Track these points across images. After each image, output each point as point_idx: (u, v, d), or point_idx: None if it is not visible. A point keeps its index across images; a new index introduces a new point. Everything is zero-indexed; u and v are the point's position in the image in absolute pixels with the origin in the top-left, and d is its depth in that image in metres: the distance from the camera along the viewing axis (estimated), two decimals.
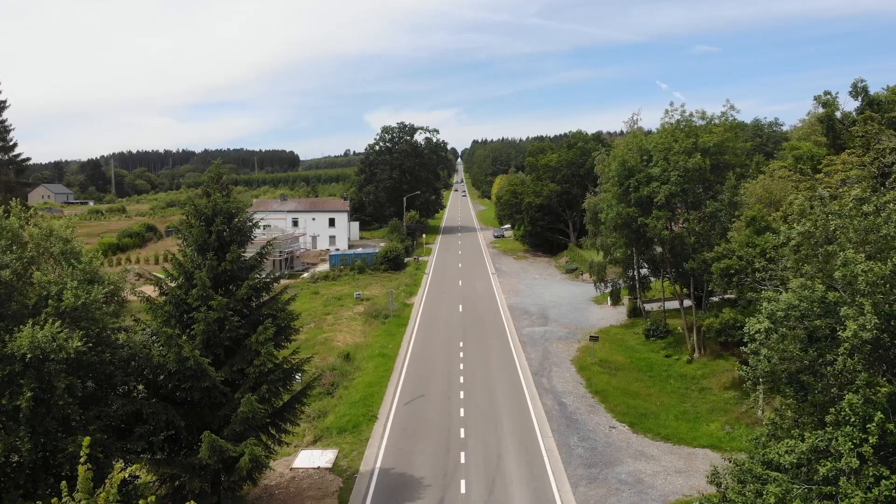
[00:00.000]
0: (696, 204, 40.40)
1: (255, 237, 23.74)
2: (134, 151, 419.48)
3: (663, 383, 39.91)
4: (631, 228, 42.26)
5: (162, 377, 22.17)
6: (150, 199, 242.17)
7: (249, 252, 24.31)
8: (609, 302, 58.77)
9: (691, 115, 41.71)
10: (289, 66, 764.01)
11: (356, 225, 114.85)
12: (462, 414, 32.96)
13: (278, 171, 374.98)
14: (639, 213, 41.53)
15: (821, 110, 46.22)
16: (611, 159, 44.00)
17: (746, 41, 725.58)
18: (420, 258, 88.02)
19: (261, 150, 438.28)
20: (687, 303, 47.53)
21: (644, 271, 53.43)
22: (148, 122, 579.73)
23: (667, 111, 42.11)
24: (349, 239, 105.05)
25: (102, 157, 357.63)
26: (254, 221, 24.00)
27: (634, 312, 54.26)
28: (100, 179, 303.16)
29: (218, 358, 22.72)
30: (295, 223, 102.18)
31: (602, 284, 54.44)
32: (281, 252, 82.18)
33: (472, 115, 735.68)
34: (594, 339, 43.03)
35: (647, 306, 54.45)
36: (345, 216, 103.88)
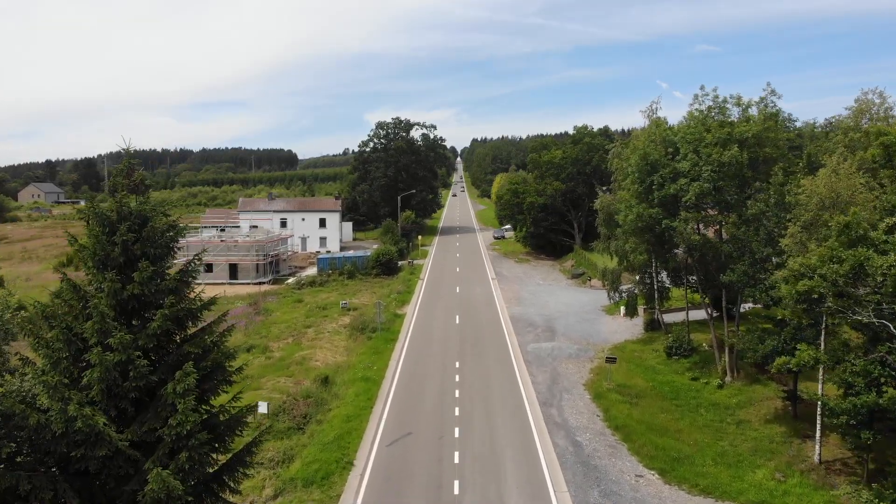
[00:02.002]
0: (730, 205, 34.56)
1: (183, 247, 17.93)
2: (131, 150, 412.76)
3: (693, 414, 34.09)
4: (654, 232, 36.45)
5: (48, 439, 16.38)
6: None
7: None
8: (622, 312, 52.93)
9: (724, 100, 35.88)
10: (289, 65, 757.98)
11: (349, 225, 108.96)
12: (457, 460, 27.12)
13: (276, 170, 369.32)
14: (663, 215, 35.73)
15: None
16: (629, 153, 38.14)
17: (746, 41, 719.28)
18: (415, 261, 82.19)
19: (258, 149, 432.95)
20: (701, 312, 41.84)
21: (663, 278, 47.63)
22: (148, 122, 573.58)
23: (696, 97, 36.36)
24: (341, 240, 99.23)
25: (99, 155, 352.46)
26: (177, 229, 18.12)
27: (652, 325, 48.44)
28: (93, 178, 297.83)
29: (125, 414, 16.91)
30: (283, 224, 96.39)
31: (616, 293, 48.52)
32: (266, 255, 76.37)
33: (472, 115, 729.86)
34: (611, 360, 37.21)
35: (666, 317, 48.64)
36: (336, 216, 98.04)
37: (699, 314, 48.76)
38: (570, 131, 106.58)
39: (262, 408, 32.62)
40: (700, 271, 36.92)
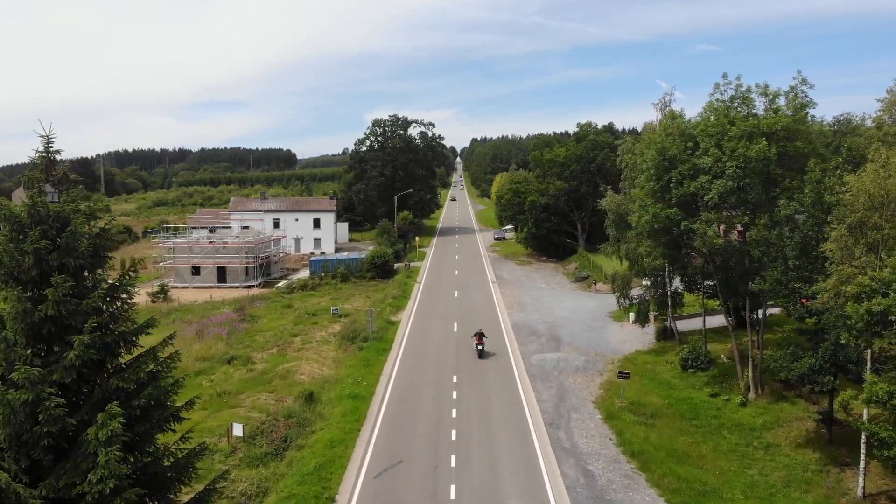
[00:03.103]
0: (755, 205, 31.26)
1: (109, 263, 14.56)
2: (130, 150, 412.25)
3: (715, 437, 30.81)
4: (670, 235, 33.16)
5: None
6: (137, 199, 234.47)
7: None
8: (630, 319, 49.62)
9: (749, 90, 32.55)
10: (289, 65, 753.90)
11: (345, 226, 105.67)
12: (453, 495, 23.80)
13: (274, 170, 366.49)
14: (681, 216, 32.44)
15: None
16: (644, 147, 34.83)
17: (746, 41, 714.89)
18: (412, 264, 78.86)
19: (257, 149, 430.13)
20: (715, 319, 38.48)
21: (676, 284, 44.34)
22: (147, 122, 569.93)
23: (717, 86, 33.01)
24: (336, 241, 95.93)
25: (98, 155, 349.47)
26: (109, 234, 14.82)
27: (664, 334, 45.16)
28: (89, 178, 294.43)
29: (39, 465, 13.64)
30: (276, 224, 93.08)
31: (625, 300, 45.17)
32: (256, 257, 73.06)
33: (472, 115, 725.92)
34: (624, 376, 33.89)
35: (678, 324, 45.28)
36: (331, 217, 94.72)
37: (714, 321, 45.61)
38: (571, 131, 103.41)
39: (237, 430, 29.37)
40: (721, 278, 33.60)
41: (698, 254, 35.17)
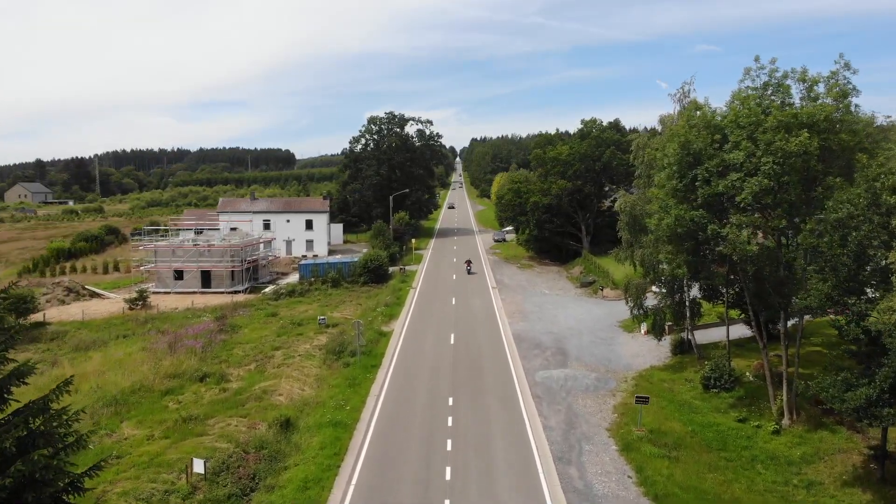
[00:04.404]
0: (794, 205, 27.30)
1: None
2: (129, 150, 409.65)
3: (749, 472, 26.85)
4: (697, 240, 29.20)
5: None
6: (132, 199, 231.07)
7: None
8: (642, 329, 45.70)
9: (785, 75, 28.55)
10: (289, 65, 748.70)
11: (339, 227, 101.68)
12: None
13: (273, 169, 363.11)
14: (708, 219, 28.49)
15: None
16: (666, 140, 30.87)
17: (746, 41, 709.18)
18: (407, 268, 74.90)
19: (256, 149, 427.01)
20: (734, 329, 34.27)
21: (694, 293, 40.41)
22: (147, 122, 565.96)
23: (748, 71, 28.98)
24: (329, 243, 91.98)
25: (96, 155, 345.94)
26: None
27: (681, 347, 41.22)
28: (84, 178, 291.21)
29: None
30: (267, 226, 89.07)
31: (640, 310, 41.15)
32: (243, 261, 69.03)
33: (471, 115, 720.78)
34: (642, 400, 29.90)
35: (696, 335, 41.23)
36: (324, 217, 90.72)
37: (733, 331, 41.48)
38: (571, 131, 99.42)
39: (199, 466, 25.39)
40: (751, 288, 29.63)
41: (722, 261, 31.26)
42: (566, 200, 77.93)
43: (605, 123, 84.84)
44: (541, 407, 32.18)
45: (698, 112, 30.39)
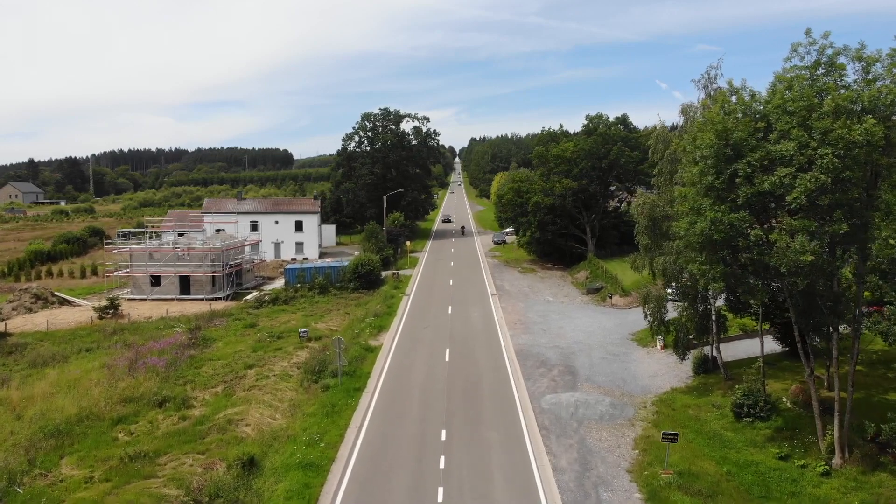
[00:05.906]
0: (855, 208, 22.71)
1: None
2: (126, 150, 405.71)
3: None
4: (734, 248, 24.59)
5: None
6: (125, 199, 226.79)
7: None
8: (658, 343, 41.13)
9: (837, 52, 23.97)
10: (288, 64, 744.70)
11: (331, 229, 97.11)
12: None
13: (270, 169, 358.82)
14: (750, 222, 23.92)
15: None
16: (699, 129, 26.23)
17: (746, 41, 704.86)
18: (401, 272, 70.28)
19: (254, 149, 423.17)
20: (767, 345, 29.25)
21: (720, 303, 35.88)
22: (146, 122, 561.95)
23: (794, 48, 24.38)
24: (321, 245, 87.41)
25: (93, 155, 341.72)
26: None
27: (704, 365, 36.64)
28: (78, 178, 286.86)
29: None
30: (254, 227, 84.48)
31: (661, 325, 36.47)
32: (225, 265, 64.37)
33: (471, 115, 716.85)
34: (670, 438, 25.27)
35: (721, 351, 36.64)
36: (314, 218, 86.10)
37: (758, 344, 36.87)
38: (572, 130, 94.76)
39: None
40: (798, 305, 25.01)
41: (762, 273, 26.65)
42: (570, 200, 73.38)
43: (611, 119, 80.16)
44: (549, 442, 27.55)
45: (734, 97, 25.79)
